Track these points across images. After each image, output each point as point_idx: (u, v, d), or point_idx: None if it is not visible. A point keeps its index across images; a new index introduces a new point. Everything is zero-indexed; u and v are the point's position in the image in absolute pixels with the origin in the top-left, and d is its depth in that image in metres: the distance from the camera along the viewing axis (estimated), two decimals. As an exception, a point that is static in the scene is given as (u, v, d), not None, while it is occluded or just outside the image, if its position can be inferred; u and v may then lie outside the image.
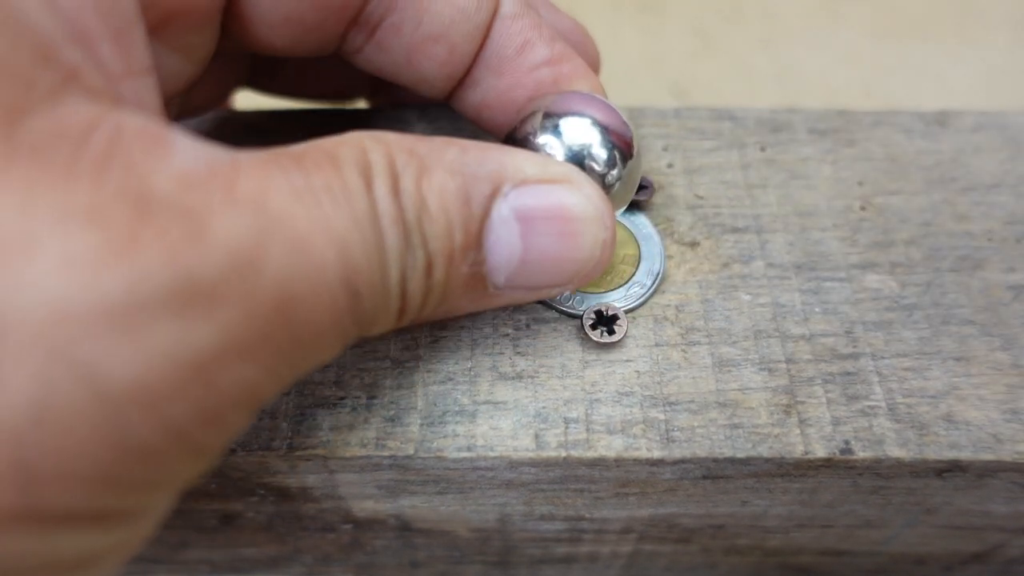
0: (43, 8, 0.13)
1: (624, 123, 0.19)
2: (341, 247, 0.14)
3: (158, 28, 0.17)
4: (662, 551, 0.26)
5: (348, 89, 0.28)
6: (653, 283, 0.22)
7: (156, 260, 0.12)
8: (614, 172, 0.19)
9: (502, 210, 0.17)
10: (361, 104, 0.29)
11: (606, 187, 0.19)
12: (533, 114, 0.19)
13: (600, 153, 0.19)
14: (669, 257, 0.22)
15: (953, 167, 0.25)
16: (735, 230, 0.23)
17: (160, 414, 0.12)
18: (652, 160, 0.25)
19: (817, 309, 0.21)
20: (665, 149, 0.25)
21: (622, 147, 0.19)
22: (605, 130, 0.19)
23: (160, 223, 0.12)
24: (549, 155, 0.19)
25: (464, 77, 0.21)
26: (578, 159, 0.19)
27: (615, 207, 0.19)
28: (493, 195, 0.17)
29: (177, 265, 0.12)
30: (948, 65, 0.56)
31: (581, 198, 0.17)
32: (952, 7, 0.60)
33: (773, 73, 0.58)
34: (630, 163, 0.19)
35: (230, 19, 0.19)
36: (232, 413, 0.13)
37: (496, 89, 0.20)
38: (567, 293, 0.21)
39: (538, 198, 0.17)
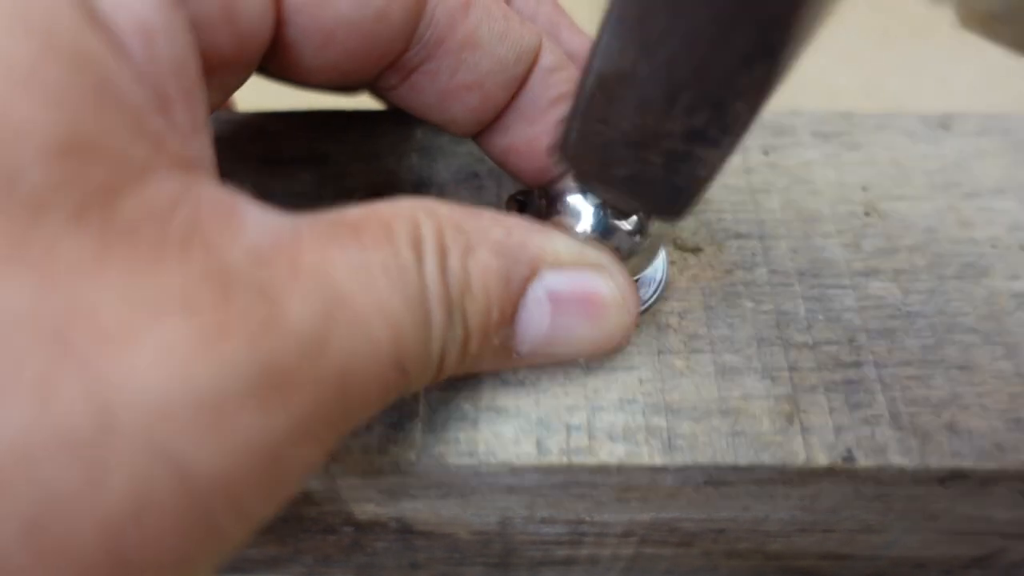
0: (132, 77, 0.13)
1: None
2: (395, 328, 0.14)
3: (204, 77, 0.17)
4: (663, 554, 0.26)
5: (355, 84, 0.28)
6: (655, 290, 0.22)
7: (241, 349, 0.12)
8: (638, 240, 0.20)
9: (537, 291, 0.17)
10: (364, 98, 0.29)
11: (633, 247, 0.20)
12: (566, 180, 0.20)
13: (627, 224, 0.19)
14: (671, 263, 0.22)
15: (957, 172, 0.25)
16: (738, 236, 0.23)
17: (239, 503, 0.12)
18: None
19: (820, 317, 0.21)
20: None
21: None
22: None
23: (240, 306, 0.12)
24: (581, 230, 0.19)
25: (494, 122, 0.21)
26: (607, 221, 0.19)
27: (646, 263, 0.20)
28: (530, 277, 0.17)
29: (260, 351, 0.12)
30: (948, 65, 0.56)
31: (612, 285, 0.18)
32: (952, 7, 0.60)
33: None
34: (654, 225, 0.20)
35: (270, 61, 0.19)
36: (288, 491, 0.14)
37: (526, 136, 0.21)
38: None
39: (571, 283, 0.18)
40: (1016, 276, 0.22)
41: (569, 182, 0.20)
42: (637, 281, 0.21)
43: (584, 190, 0.19)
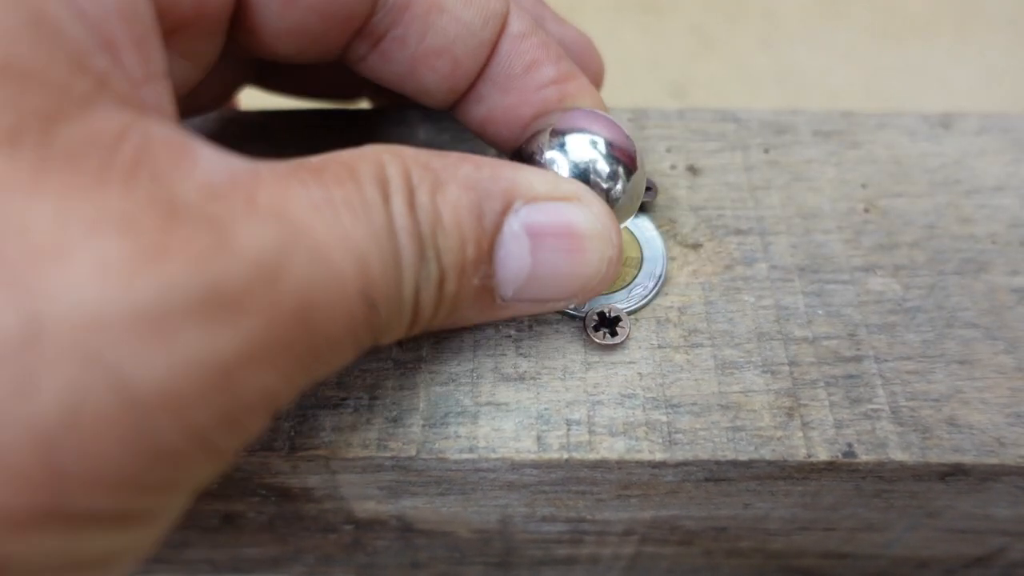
0: (74, 17, 0.13)
1: (627, 138, 0.20)
2: (360, 259, 0.14)
3: (167, 36, 0.17)
4: (664, 553, 0.26)
5: (351, 89, 0.28)
6: (655, 285, 0.22)
7: (185, 268, 0.12)
8: (618, 187, 0.19)
9: (513, 226, 0.17)
10: (364, 104, 0.29)
11: (610, 201, 0.19)
12: (540, 132, 0.20)
13: (604, 168, 0.19)
14: (672, 259, 0.22)
15: (957, 170, 0.25)
16: (738, 232, 0.23)
17: (185, 419, 0.12)
18: (655, 162, 0.24)
19: (820, 312, 0.21)
20: (668, 151, 0.25)
21: (626, 162, 0.19)
22: (610, 146, 0.19)
23: (187, 232, 0.12)
24: (557, 172, 0.19)
25: (469, 92, 0.21)
26: (584, 175, 0.19)
27: (619, 220, 0.20)
28: (505, 211, 0.17)
29: (205, 273, 0.12)
30: (948, 65, 0.56)
31: (590, 216, 0.18)
32: (952, 7, 0.60)
33: (773, 73, 0.58)
34: (634, 177, 0.20)
35: (236, 27, 0.19)
36: (250, 418, 0.13)
37: (501, 106, 0.20)
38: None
39: (548, 215, 0.17)
40: (1016, 272, 0.22)
41: (544, 138, 0.20)
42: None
43: (560, 145, 0.19)
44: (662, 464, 0.19)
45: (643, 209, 0.23)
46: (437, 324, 0.17)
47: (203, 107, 0.24)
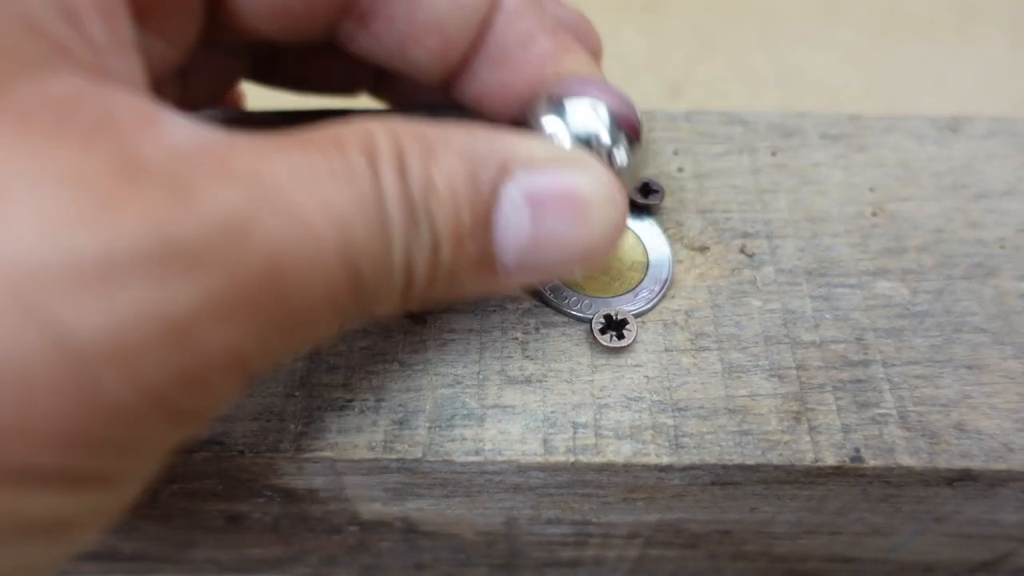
0: None
1: (630, 105, 0.19)
2: (341, 223, 0.14)
3: (141, 14, 0.17)
4: (668, 556, 0.26)
5: (350, 82, 0.28)
6: (662, 288, 0.21)
7: (135, 222, 0.12)
8: (620, 153, 0.19)
9: (512, 192, 0.16)
10: (365, 100, 0.29)
11: (612, 169, 0.19)
12: (538, 98, 0.19)
13: (605, 134, 0.19)
14: (679, 262, 0.22)
15: (965, 174, 0.25)
16: (745, 235, 0.23)
17: (133, 373, 0.12)
18: (662, 164, 0.24)
19: (828, 315, 0.21)
20: (675, 153, 0.25)
21: (627, 129, 0.19)
22: (610, 111, 0.19)
23: (145, 189, 0.12)
24: (556, 138, 0.18)
25: (463, 68, 0.20)
26: (584, 141, 0.19)
27: (631, 178, 0.19)
28: (502, 176, 0.16)
29: (157, 227, 0.12)
30: (948, 65, 0.56)
31: (592, 179, 0.17)
32: (952, 7, 0.60)
33: (773, 73, 0.58)
34: (636, 145, 0.19)
35: (217, 6, 0.19)
36: (217, 378, 0.13)
37: (498, 81, 0.20)
38: (575, 297, 0.21)
39: (548, 180, 0.17)
40: (1025, 277, 0.22)
41: (542, 105, 0.19)
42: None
43: (559, 111, 0.19)
44: (668, 468, 0.19)
45: (649, 212, 0.23)
46: (438, 295, 0.17)
47: (200, 100, 0.24)
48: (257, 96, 0.29)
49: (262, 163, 0.13)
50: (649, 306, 0.21)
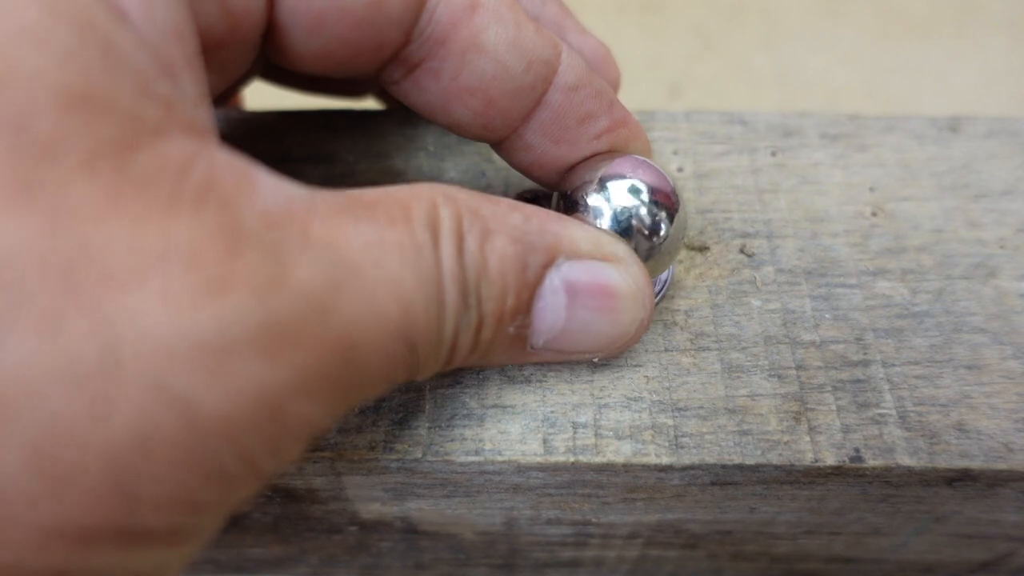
0: (138, 43, 0.13)
1: (673, 190, 0.20)
2: (404, 303, 0.14)
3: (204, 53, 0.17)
4: (668, 556, 0.26)
5: (359, 87, 0.28)
6: (662, 288, 0.21)
7: (244, 301, 0.12)
8: (661, 234, 0.19)
9: (554, 280, 0.17)
10: (371, 102, 0.29)
11: (654, 248, 0.20)
12: (584, 173, 0.20)
13: (646, 216, 0.19)
14: (679, 262, 0.22)
15: (965, 173, 0.25)
16: (745, 235, 0.23)
17: (239, 444, 0.13)
18: (662, 165, 0.24)
19: (827, 315, 0.21)
20: (675, 153, 0.25)
21: (668, 207, 0.19)
22: (653, 196, 0.19)
23: (248, 262, 0.13)
24: (600, 227, 0.19)
25: (514, 137, 0.20)
26: (625, 222, 0.19)
27: (662, 267, 0.20)
28: (548, 265, 0.17)
29: (263, 306, 0.12)
30: (948, 65, 0.56)
31: (628, 278, 0.18)
32: (952, 7, 0.60)
33: (773, 73, 0.58)
34: (674, 226, 0.20)
35: (266, 45, 0.19)
36: (292, 444, 0.14)
37: (552, 154, 0.20)
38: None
39: (588, 273, 0.18)
40: (1025, 277, 0.22)
41: (589, 183, 0.20)
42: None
43: (603, 190, 0.19)
44: (668, 468, 0.19)
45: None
46: (468, 364, 0.18)
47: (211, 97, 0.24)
48: (257, 96, 0.29)
49: (337, 232, 0.14)
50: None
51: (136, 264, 0.12)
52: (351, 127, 0.26)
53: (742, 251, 0.22)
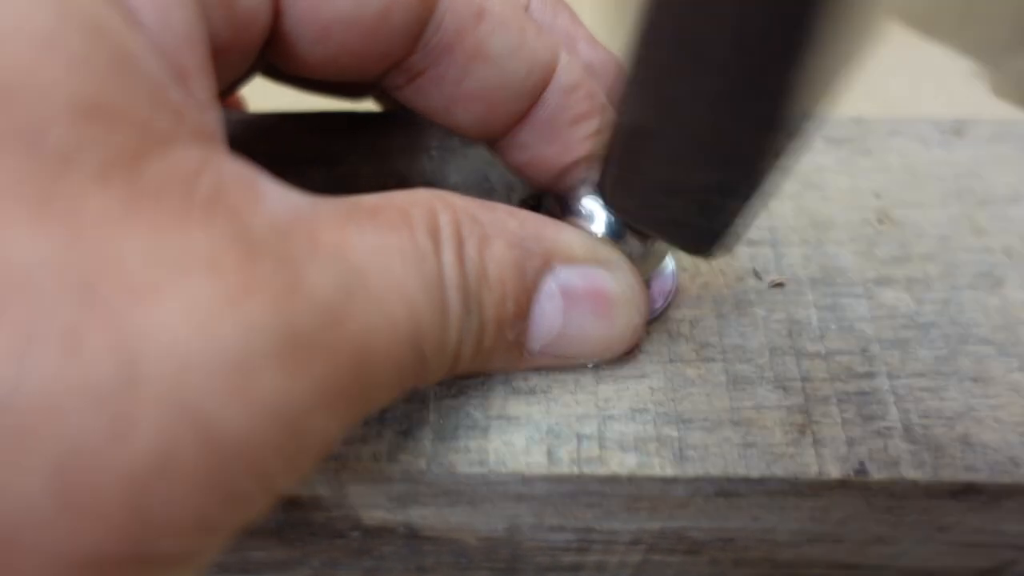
0: (151, 51, 0.13)
1: None
2: (412, 309, 0.14)
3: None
4: (670, 561, 0.26)
5: (360, 89, 0.28)
6: (666, 298, 0.21)
7: (264, 311, 0.12)
8: (649, 240, 0.20)
9: (550, 285, 0.18)
10: (370, 104, 0.29)
11: (645, 250, 0.20)
12: (578, 175, 0.20)
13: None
14: (683, 270, 0.22)
15: (971, 179, 0.24)
16: (750, 243, 0.23)
17: (258, 465, 0.12)
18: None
19: (833, 326, 0.21)
20: (680, 158, 0.25)
21: None
22: None
23: (264, 271, 0.12)
24: (593, 230, 0.19)
25: (509, 136, 0.21)
26: (618, 224, 0.19)
27: (652, 267, 0.20)
28: (544, 269, 0.17)
29: (282, 316, 0.12)
30: (950, 66, 0.55)
31: (622, 283, 0.19)
32: (952, 7, 0.60)
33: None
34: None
35: (269, 50, 0.19)
36: (307, 461, 0.14)
37: (545, 154, 0.20)
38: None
39: (583, 278, 0.18)
40: (1031, 287, 0.22)
41: (583, 186, 0.20)
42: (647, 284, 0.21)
43: (596, 192, 0.19)
44: (673, 480, 0.19)
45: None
46: (469, 370, 0.18)
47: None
48: (257, 96, 0.28)
49: (343, 238, 0.14)
50: (653, 316, 0.21)
51: (156, 275, 0.11)
52: (354, 129, 0.26)
53: (754, 274, 0.22)
